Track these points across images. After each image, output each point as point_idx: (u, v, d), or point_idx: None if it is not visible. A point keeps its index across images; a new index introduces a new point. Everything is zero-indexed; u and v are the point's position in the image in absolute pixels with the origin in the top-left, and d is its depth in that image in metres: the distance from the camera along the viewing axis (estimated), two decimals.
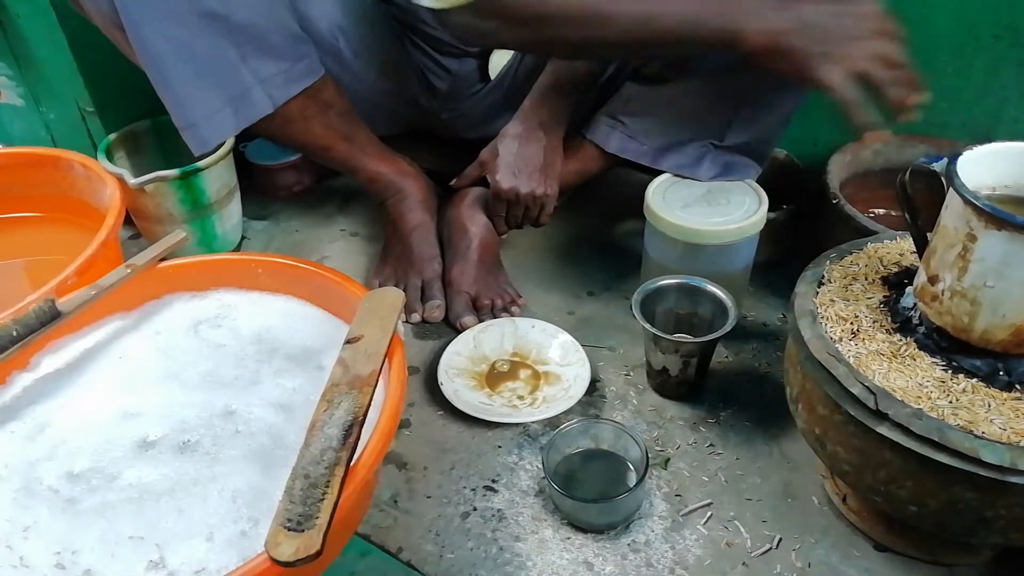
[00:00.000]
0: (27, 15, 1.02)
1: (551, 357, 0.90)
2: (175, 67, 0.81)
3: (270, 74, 0.85)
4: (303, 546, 0.48)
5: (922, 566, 0.71)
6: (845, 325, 0.65)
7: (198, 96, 0.83)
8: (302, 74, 0.88)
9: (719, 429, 0.84)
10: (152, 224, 1.06)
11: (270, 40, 0.84)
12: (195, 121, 0.85)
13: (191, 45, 0.80)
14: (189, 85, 0.83)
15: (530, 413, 0.83)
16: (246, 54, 0.83)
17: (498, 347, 0.91)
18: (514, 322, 0.92)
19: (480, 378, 0.88)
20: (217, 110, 0.84)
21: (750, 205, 0.90)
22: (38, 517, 0.60)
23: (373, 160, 1.00)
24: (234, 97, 0.85)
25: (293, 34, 0.87)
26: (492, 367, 0.89)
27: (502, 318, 0.94)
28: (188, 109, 0.84)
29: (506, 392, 0.87)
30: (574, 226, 1.14)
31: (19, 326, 0.66)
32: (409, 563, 0.72)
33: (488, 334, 0.91)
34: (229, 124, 0.86)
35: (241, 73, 0.84)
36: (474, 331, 0.91)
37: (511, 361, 0.90)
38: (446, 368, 0.87)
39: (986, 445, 0.54)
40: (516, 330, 0.92)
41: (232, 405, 0.68)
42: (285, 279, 0.79)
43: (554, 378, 0.88)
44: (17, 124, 1.16)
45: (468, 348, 0.90)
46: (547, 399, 0.85)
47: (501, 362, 0.90)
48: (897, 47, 0.71)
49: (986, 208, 0.54)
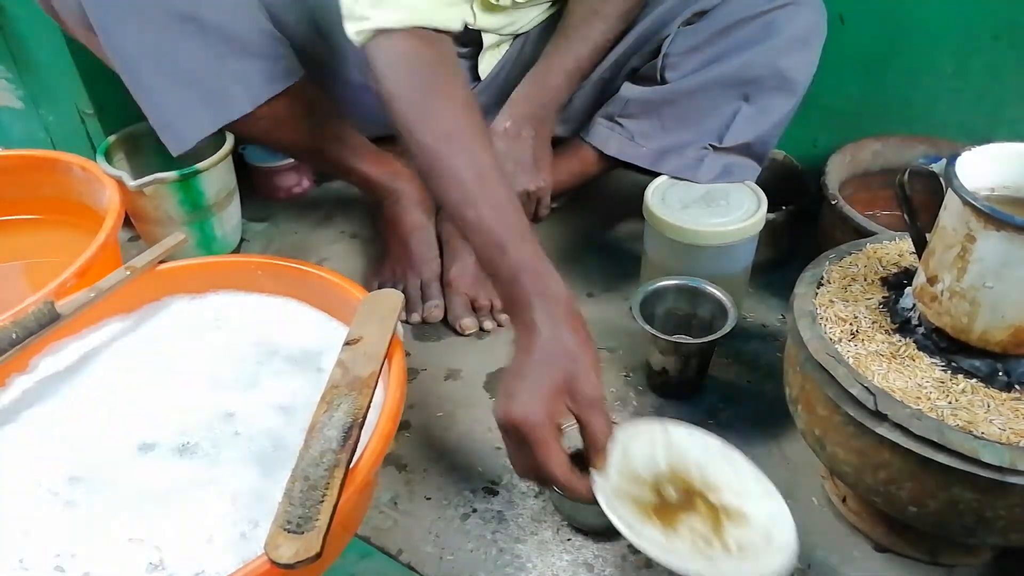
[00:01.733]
0: (26, 18, 1.02)
1: (721, 482, 0.65)
2: (147, 68, 0.81)
3: (249, 73, 0.85)
4: (303, 548, 0.48)
5: (922, 567, 0.71)
6: (844, 326, 0.65)
7: (172, 96, 0.84)
8: (282, 74, 0.88)
9: (719, 430, 0.83)
10: (151, 226, 1.06)
11: (246, 39, 0.85)
12: (171, 120, 0.85)
13: (163, 46, 0.81)
14: (162, 85, 0.83)
15: (734, 569, 0.59)
16: (222, 53, 0.83)
17: (651, 462, 0.66)
18: (666, 428, 0.68)
19: (646, 507, 0.63)
20: (192, 108, 0.85)
21: (749, 206, 0.90)
22: (38, 519, 0.60)
23: (366, 162, 1.00)
24: (211, 95, 0.85)
25: (269, 34, 0.87)
26: (658, 493, 0.64)
27: (650, 421, 0.69)
28: (163, 109, 0.84)
29: (684, 530, 0.62)
30: (573, 227, 1.14)
31: (18, 328, 0.66)
32: (409, 565, 0.72)
33: (637, 443, 0.67)
34: (206, 122, 0.86)
35: (217, 72, 0.84)
36: (622, 439, 0.65)
37: (680, 488, 0.65)
38: (605, 490, 0.62)
39: (985, 445, 0.54)
40: (669, 439, 0.68)
41: (231, 407, 0.68)
42: (284, 281, 0.79)
43: (737, 515, 0.63)
44: (16, 126, 1.16)
45: (617, 460, 0.65)
46: (742, 547, 0.61)
47: (666, 486, 0.65)
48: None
49: (985, 209, 0.54)
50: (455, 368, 0.93)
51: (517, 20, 1.00)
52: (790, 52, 0.88)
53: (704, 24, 0.91)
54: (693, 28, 0.92)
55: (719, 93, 0.91)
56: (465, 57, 1.05)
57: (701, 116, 0.93)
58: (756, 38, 0.88)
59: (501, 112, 0.97)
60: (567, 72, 0.96)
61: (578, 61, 0.96)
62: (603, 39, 0.95)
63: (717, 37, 0.90)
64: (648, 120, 0.95)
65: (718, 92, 0.91)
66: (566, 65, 0.95)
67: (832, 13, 0.91)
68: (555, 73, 0.95)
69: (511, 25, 1.01)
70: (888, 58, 1.02)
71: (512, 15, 0.99)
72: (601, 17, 0.94)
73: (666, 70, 0.93)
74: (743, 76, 0.89)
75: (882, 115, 1.06)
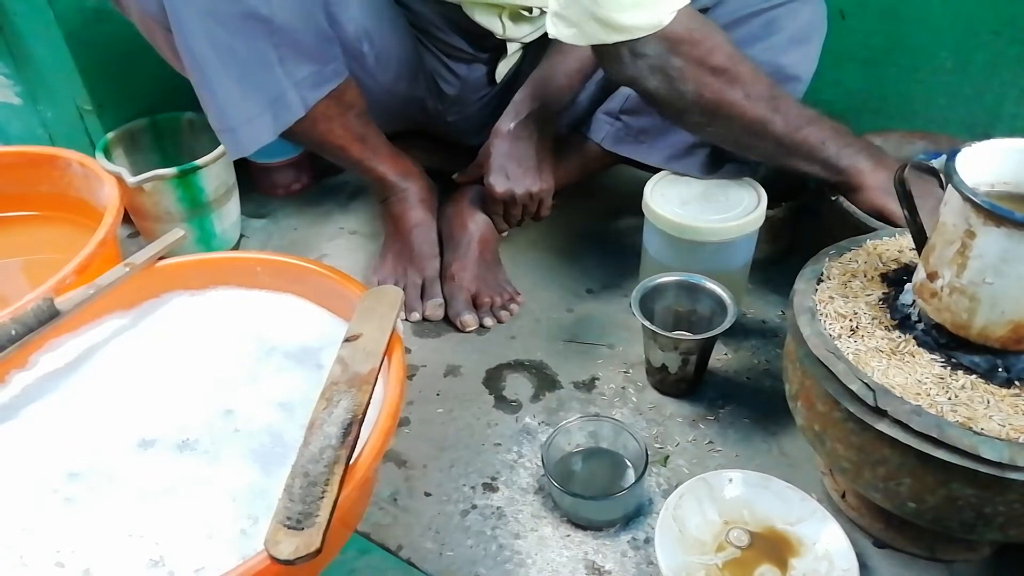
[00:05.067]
0: (24, 13, 1.02)
1: (772, 514, 0.68)
2: (218, 70, 0.80)
3: (302, 76, 0.84)
4: (303, 544, 0.48)
5: (921, 562, 0.71)
6: (844, 322, 0.65)
7: (239, 100, 0.82)
8: (331, 76, 0.87)
9: (718, 426, 0.84)
10: (150, 223, 1.06)
11: (305, 42, 0.83)
12: (234, 125, 0.83)
13: (234, 47, 0.79)
14: (231, 89, 0.81)
15: None
16: (284, 56, 0.82)
17: (704, 521, 0.68)
18: (705, 481, 0.70)
19: (715, 572, 0.65)
20: (257, 115, 0.83)
21: (749, 202, 0.90)
22: (37, 516, 0.60)
23: (384, 161, 1.00)
24: (272, 101, 0.84)
25: (325, 36, 0.86)
26: (722, 549, 0.67)
27: (690, 481, 0.71)
28: (228, 113, 0.83)
29: None
30: (573, 224, 1.14)
31: (17, 325, 0.66)
32: (409, 561, 0.72)
33: (685, 508, 0.69)
34: (268, 129, 0.85)
35: (278, 76, 0.83)
36: (669, 507, 0.68)
37: (740, 536, 0.67)
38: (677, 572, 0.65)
39: (985, 441, 0.54)
40: (711, 491, 0.70)
41: (231, 404, 0.68)
42: (284, 277, 0.79)
43: (796, 544, 0.66)
44: (15, 123, 1.16)
45: (673, 535, 0.67)
46: None
47: (726, 540, 0.67)
48: None
49: (985, 205, 0.54)
50: (455, 364, 0.93)
51: (542, 27, 1.00)
52: (791, 49, 0.88)
53: None
54: None
55: None
56: (482, 63, 1.05)
57: None
58: (757, 35, 0.88)
59: (504, 113, 0.98)
60: (569, 75, 0.96)
61: (580, 62, 0.96)
62: None
63: None
64: (649, 116, 0.94)
65: None
66: (568, 67, 0.96)
67: (832, 9, 0.91)
68: (558, 75, 0.95)
69: (535, 32, 1.01)
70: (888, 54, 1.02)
71: (537, 23, 0.99)
72: None
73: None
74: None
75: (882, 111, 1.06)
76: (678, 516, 0.68)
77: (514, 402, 0.88)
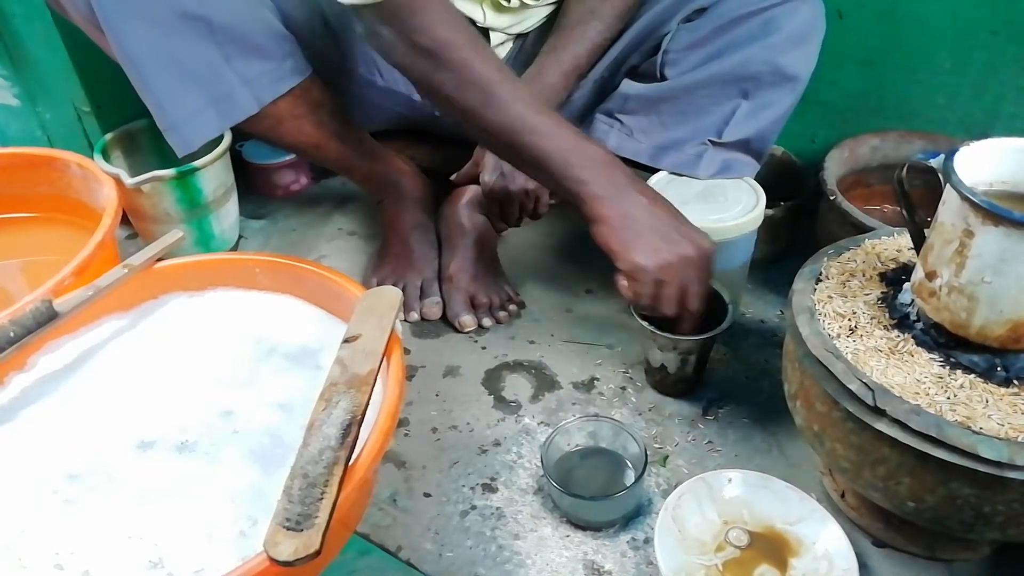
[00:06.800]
0: (22, 15, 1.02)
1: (772, 513, 0.69)
2: (154, 68, 0.81)
3: (255, 74, 0.85)
4: (302, 545, 0.48)
5: (920, 562, 0.71)
6: (843, 321, 0.65)
7: (179, 97, 0.83)
8: (288, 73, 0.88)
9: (717, 426, 0.84)
10: (149, 224, 1.06)
11: (254, 39, 0.84)
12: (177, 122, 0.85)
13: (171, 46, 0.80)
14: (170, 86, 0.82)
15: None
16: (230, 54, 0.83)
17: (704, 521, 0.69)
18: (704, 480, 0.71)
19: (715, 572, 0.66)
20: (199, 110, 0.84)
21: (747, 202, 0.90)
22: (36, 517, 0.60)
23: (366, 159, 0.99)
24: (217, 97, 0.84)
25: (277, 33, 0.87)
26: (721, 549, 0.67)
27: (689, 481, 0.71)
28: (169, 110, 0.84)
29: None
30: (572, 224, 1.14)
31: (16, 327, 0.66)
32: (408, 562, 0.72)
33: (684, 508, 0.69)
34: (212, 124, 0.85)
35: (224, 73, 0.83)
36: (668, 507, 0.69)
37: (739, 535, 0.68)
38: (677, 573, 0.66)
39: (984, 441, 0.54)
40: (711, 491, 0.71)
41: (230, 405, 0.68)
42: (283, 278, 0.79)
43: (795, 544, 0.67)
44: (13, 124, 1.15)
45: (672, 535, 0.68)
46: None
47: (725, 540, 0.67)
48: (699, 293, 0.78)
49: (983, 204, 0.54)
50: (454, 365, 0.93)
51: (525, 20, 1.00)
52: (789, 48, 0.88)
53: (704, 21, 0.91)
54: (693, 25, 0.92)
55: (718, 89, 0.91)
56: None
57: (700, 112, 0.93)
58: (755, 34, 0.88)
59: None
60: (564, 72, 0.96)
61: (575, 60, 0.96)
62: (600, 39, 0.95)
63: (717, 34, 0.90)
64: (647, 116, 0.94)
65: (717, 88, 0.91)
66: (563, 64, 0.95)
67: (831, 9, 0.91)
68: (552, 72, 0.95)
69: (518, 25, 1.01)
70: (886, 53, 1.02)
71: (520, 15, 0.99)
72: (598, 17, 0.94)
73: (666, 67, 0.93)
74: (742, 72, 0.89)
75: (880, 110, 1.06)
76: (677, 516, 0.69)
77: (513, 402, 0.88)
